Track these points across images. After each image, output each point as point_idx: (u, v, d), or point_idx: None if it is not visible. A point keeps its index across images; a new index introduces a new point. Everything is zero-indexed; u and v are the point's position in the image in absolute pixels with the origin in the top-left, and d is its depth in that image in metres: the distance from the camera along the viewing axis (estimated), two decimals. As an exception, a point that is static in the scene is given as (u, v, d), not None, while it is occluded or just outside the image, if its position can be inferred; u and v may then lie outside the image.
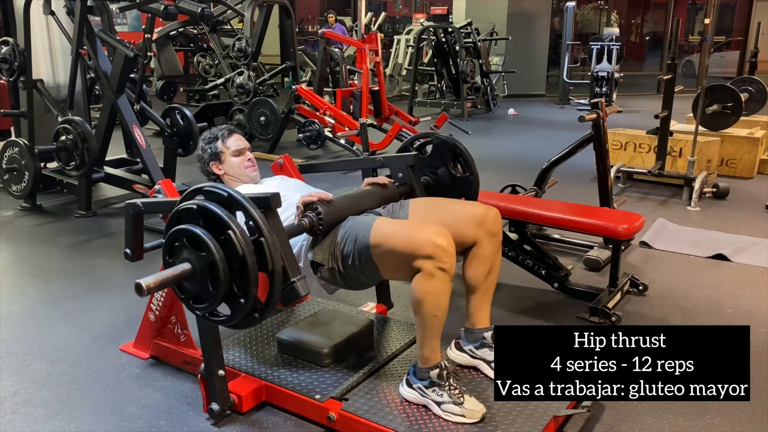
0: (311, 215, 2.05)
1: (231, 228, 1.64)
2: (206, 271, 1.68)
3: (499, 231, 2.19)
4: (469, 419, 1.88)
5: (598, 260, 3.39)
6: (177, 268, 1.69)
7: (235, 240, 1.64)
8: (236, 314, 1.74)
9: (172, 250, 1.74)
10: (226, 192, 1.72)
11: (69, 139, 4.14)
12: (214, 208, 1.68)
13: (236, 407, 2.08)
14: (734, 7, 15.18)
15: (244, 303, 1.69)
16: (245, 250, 1.64)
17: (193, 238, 1.68)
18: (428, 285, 1.87)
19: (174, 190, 2.29)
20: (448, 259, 1.86)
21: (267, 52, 9.39)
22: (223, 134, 2.41)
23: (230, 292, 1.70)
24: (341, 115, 6.26)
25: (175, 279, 1.69)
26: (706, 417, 2.11)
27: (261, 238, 1.67)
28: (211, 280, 1.69)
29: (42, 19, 4.50)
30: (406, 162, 2.50)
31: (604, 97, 5.80)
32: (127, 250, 2.08)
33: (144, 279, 1.62)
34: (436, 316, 1.90)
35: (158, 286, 1.65)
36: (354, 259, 2.00)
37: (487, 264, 2.16)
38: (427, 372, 1.93)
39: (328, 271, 2.08)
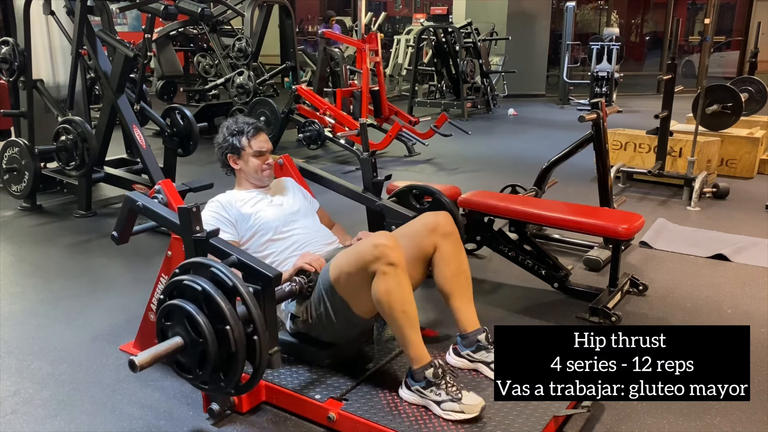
0: (303, 281, 2.10)
1: (230, 325, 1.68)
2: (196, 352, 1.73)
3: (452, 230, 2.23)
4: (468, 414, 1.88)
5: (598, 260, 3.39)
6: (171, 343, 1.74)
7: (231, 337, 1.68)
8: (215, 390, 1.83)
9: (170, 317, 1.78)
10: (231, 282, 1.73)
11: (69, 139, 4.14)
12: (220, 300, 1.70)
13: (236, 407, 2.08)
14: (734, 7, 15.18)
15: (224, 386, 1.77)
16: (238, 347, 1.70)
17: (192, 321, 1.72)
18: (383, 283, 1.91)
19: (174, 191, 2.28)
20: (393, 253, 1.92)
21: (267, 52, 9.38)
22: (249, 131, 2.40)
23: (215, 372, 1.75)
24: (341, 115, 6.26)
25: (167, 354, 1.74)
26: (706, 417, 2.11)
27: (255, 336, 1.72)
28: (199, 361, 1.74)
29: (42, 19, 4.50)
30: (404, 219, 2.57)
31: (604, 97, 5.81)
32: (114, 233, 2.19)
33: (138, 357, 1.67)
34: (405, 312, 1.92)
35: (151, 362, 1.69)
36: (324, 302, 2.07)
37: (452, 263, 2.19)
38: (422, 372, 1.94)
39: (302, 322, 2.17)
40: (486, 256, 3.54)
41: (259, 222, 2.29)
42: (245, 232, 2.29)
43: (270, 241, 2.29)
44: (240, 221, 2.29)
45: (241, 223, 2.29)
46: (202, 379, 1.79)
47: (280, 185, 2.55)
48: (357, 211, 3.01)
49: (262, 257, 2.23)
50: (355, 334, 2.25)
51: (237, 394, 1.90)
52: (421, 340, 1.97)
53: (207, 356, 1.71)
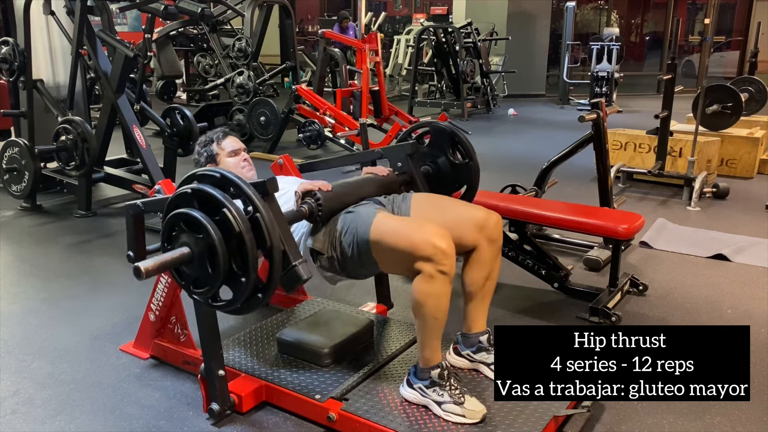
0: (310, 201, 2.04)
1: (226, 206, 1.62)
2: (205, 252, 1.66)
3: (499, 237, 2.17)
4: (469, 419, 1.87)
5: (598, 260, 3.39)
6: (175, 252, 1.67)
7: (231, 218, 1.62)
8: (238, 296, 1.70)
9: (170, 236, 1.73)
10: (218, 173, 1.71)
11: (69, 139, 4.13)
12: (208, 188, 1.66)
13: (236, 407, 2.08)
14: (734, 7, 15.17)
15: (245, 282, 1.66)
16: (242, 228, 1.62)
17: (189, 221, 1.66)
18: (428, 287, 1.86)
19: (174, 190, 2.28)
20: (448, 261, 1.85)
21: (267, 52, 9.38)
22: (218, 137, 2.40)
23: (230, 273, 1.67)
24: (341, 115, 6.26)
25: (174, 262, 1.66)
26: (706, 417, 2.11)
27: (257, 214, 1.65)
28: (210, 262, 1.66)
29: (42, 19, 4.50)
30: (404, 151, 2.49)
31: (604, 97, 5.81)
32: (130, 252, 2.01)
33: (143, 262, 1.60)
34: (437, 319, 1.89)
35: (157, 270, 1.62)
36: (353, 251, 2.00)
37: (486, 269, 2.15)
38: (428, 372, 1.93)
39: (327, 260, 2.08)
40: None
41: None
42: None
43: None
44: None
45: None
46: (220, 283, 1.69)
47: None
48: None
49: None
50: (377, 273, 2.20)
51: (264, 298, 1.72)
52: (438, 345, 1.95)
53: (214, 251, 1.63)
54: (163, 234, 1.74)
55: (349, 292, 3.08)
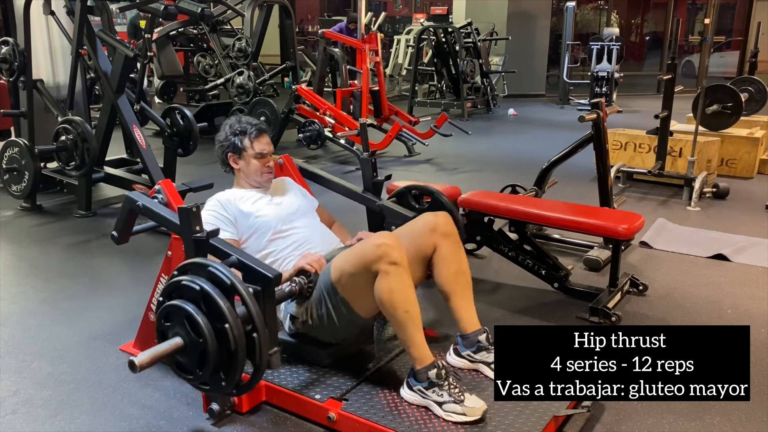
0: (303, 281, 2.10)
1: (229, 323, 1.68)
2: (196, 353, 1.73)
3: (452, 231, 2.24)
4: (470, 417, 1.88)
5: (598, 260, 3.39)
6: (170, 344, 1.74)
7: (231, 335, 1.68)
8: (216, 391, 1.83)
9: (169, 317, 1.78)
10: (229, 281, 1.74)
11: (69, 139, 4.13)
12: (218, 298, 1.70)
13: (236, 407, 2.08)
14: (734, 7, 15.17)
15: (224, 386, 1.77)
16: (238, 346, 1.69)
17: (191, 321, 1.72)
18: (386, 283, 1.91)
19: (174, 191, 2.28)
20: (395, 252, 1.92)
21: (267, 52, 9.38)
22: (252, 132, 2.38)
23: (215, 372, 1.75)
24: (341, 115, 6.26)
25: (167, 354, 1.74)
26: (706, 417, 2.11)
27: (254, 333, 1.72)
28: (199, 361, 1.74)
29: (42, 19, 4.50)
30: (403, 219, 2.57)
31: (604, 97, 5.81)
32: (114, 233, 2.20)
33: (138, 357, 1.66)
34: (408, 312, 1.92)
35: (151, 363, 1.69)
36: (325, 302, 2.06)
37: (452, 264, 2.19)
38: (425, 373, 1.93)
39: (301, 323, 2.16)
40: (486, 256, 3.54)
41: (259, 221, 2.29)
42: (245, 231, 2.29)
43: (270, 240, 2.29)
44: (240, 219, 2.29)
45: (240, 221, 2.29)
46: (203, 380, 1.78)
47: (278, 185, 2.54)
48: (357, 212, 3.01)
49: (262, 256, 2.23)
50: (356, 333, 2.25)
51: (238, 395, 1.89)
52: (424, 341, 1.97)
53: (207, 356, 1.71)
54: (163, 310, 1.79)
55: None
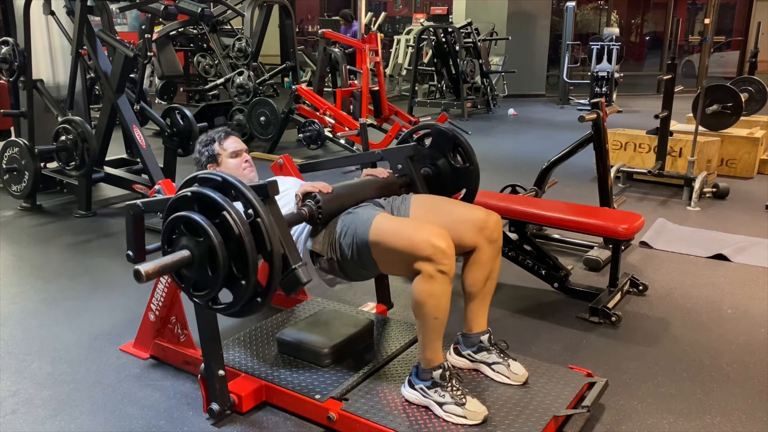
0: (310, 204, 2.04)
1: (226, 209, 1.63)
2: (205, 255, 1.66)
3: (499, 237, 2.17)
4: (470, 421, 1.87)
5: (598, 260, 3.39)
6: (176, 255, 1.67)
7: (231, 221, 1.62)
8: (238, 299, 1.71)
9: (170, 239, 1.73)
10: (220, 177, 1.71)
11: (69, 139, 4.14)
12: (208, 191, 1.66)
13: (236, 407, 2.07)
14: (734, 7, 15.18)
15: (245, 285, 1.66)
16: (242, 231, 1.62)
17: (189, 223, 1.67)
18: (428, 287, 1.86)
19: (174, 190, 2.28)
20: (447, 261, 1.84)
21: (267, 52, 9.38)
22: (219, 136, 2.40)
23: (230, 275, 1.67)
24: (341, 115, 6.26)
25: (174, 265, 1.67)
26: (706, 417, 2.11)
27: (257, 218, 1.65)
28: (210, 265, 1.66)
29: (42, 19, 4.50)
30: (404, 153, 2.48)
31: (604, 97, 5.80)
32: (130, 252, 2.01)
33: (143, 265, 1.60)
34: (437, 319, 1.89)
35: (157, 273, 1.62)
36: (353, 253, 2.00)
37: (486, 270, 2.15)
38: (430, 373, 1.93)
39: (327, 261, 2.08)
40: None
41: None
42: None
43: None
44: None
45: None
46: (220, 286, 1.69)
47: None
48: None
49: None
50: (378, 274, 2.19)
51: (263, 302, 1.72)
52: (440, 346, 1.94)
53: (214, 254, 1.63)
54: (164, 236, 1.74)
55: (349, 293, 3.09)
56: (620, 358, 2.49)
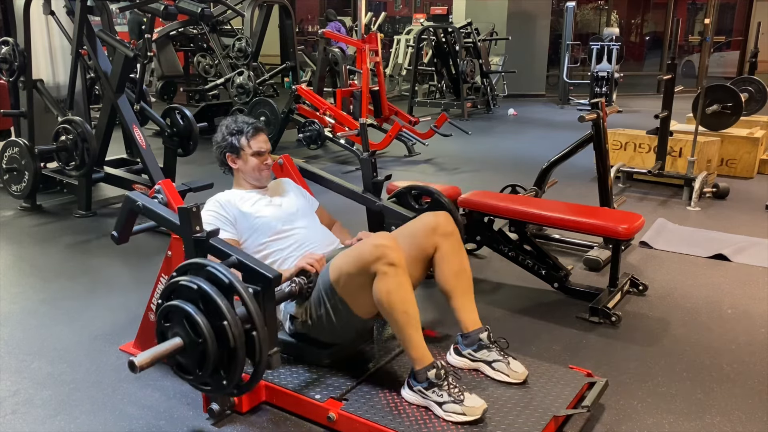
0: (302, 282, 2.10)
1: (227, 320, 1.68)
2: (196, 353, 1.73)
3: (453, 230, 2.24)
4: (470, 416, 1.87)
5: (598, 260, 3.39)
6: (170, 344, 1.73)
7: (230, 333, 1.68)
8: (217, 390, 1.82)
9: (169, 318, 1.78)
10: (228, 280, 1.73)
11: (69, 139, 4.14)
12: (215, 296, 1.70)
13: (236, 407, 2.08)
14: (734, 7, 15.18)
15: (225, 385, 1.76)
16: (237, 343, 1.69)
17: (190, 320, 1.72)
18: (384, 283, 1.92)
19: (174, 191, 2.28)
20: (393, 253, 1.92)
21: (267, 52, 9.38)
22: (249, 131, 2.39)
23: (216, 371, 1.75)
24: (341, 115, 6.26)
25: (167, 354, 1.73)
26: (706, 417, 2.11)
27: (253, 332, 1.72)
28: (199, 361, 1.74)
29: (42, 19, 4.50)
30: (403, 219, 2.57)
31: (604, 97, 5.81)
32: (114, 233, 2.19)
33: (137, 357, 1.66)
34: (407, 313, 1.93)
35: (151, 363, 1.69)
36: (324, 303, 2.07)
37: (452, 263, 2.19)
38: (425, 373, 1.93)
39: (301, 324, 2.16)
40: (486, 256, 3.54)
41: (260, 222, 2.29)
42: (244, 231, 2.29)
43: (270, 240, 2.29)
44: (239, 219, 2.29)
45: (240, 221, 2.29)
46: (203, 380, 1.78)
47: (278, 186, 2.54)
48: (357, 212, 3.01)
49: (262, 257, 2.23)
50: (354, 334, 2.25)
51: (238, 395, 1.89)
52: (422, 341, 1.97)
53: (206, 355, 1.71)
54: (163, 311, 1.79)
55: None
56: (620, 358, 2.49)
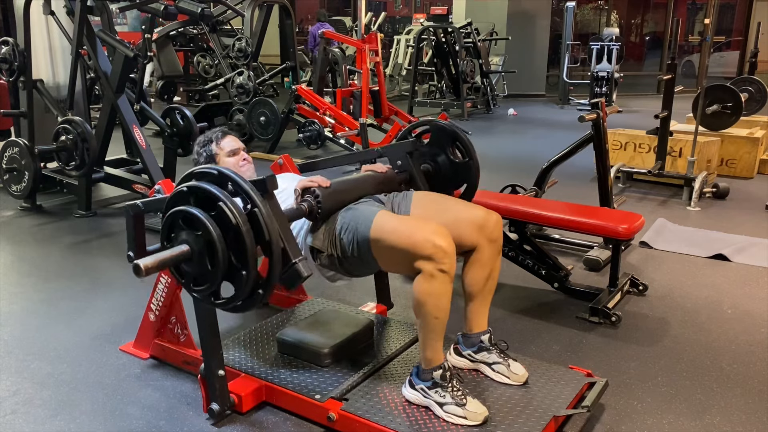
0: (309, 199, 2.04)
1: (222, 200, 1.62)
2: (204, 249, 1.65)
3: (499, 236, 2.16)
4: (471, 421, 1.87)
5: (598, 260, 3.39)
6: (175, 249, 1.67)
7: (228, 212, 1.61)
8: (239, 291, 1.70)
9: (169, 235, 1.73)
10: (216, 170, 1.71)
11: (69, 139, 4.13)
12: (205, 185, 1.66)
13: (236, 407, 2.08)
14: (734, 7, 15.19)
15: (245, 277, 1.65)
16: (239, 221, 1.61)
17: (187, 218, 1.66)
18: (429, 287, 1.85)
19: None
20: (448, 260, 1.84)
21: (267, 52, 9.38)
22: (216, 136, 2.41)
23: (230, 268, 1.66)
24: (341, 115, 6.26)
25: (173, 260, 1.66)
26: (706, 417, 2.11)
27: (255, 209, 1.65)
28: (209, 258, 1.65)
29: (42, 19, 4.50)
30: (404, 149, 2.48)
31: (604, 97, 5.81)
32: (131, 252, 1.98)
33: (142, 260, 1.60)
34: (437, 318, 1.89)
35: (157, 267, 1.62)
36: (353, 249, 1.99)
37: (486, 269, 2.14)
38: (431, 373, 1.93)
39: (327, 257, 2.08)
40: (486, 256, 3.53)
41: None
42: None
43: None
44: None
45: None
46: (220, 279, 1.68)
47: None
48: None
49: None
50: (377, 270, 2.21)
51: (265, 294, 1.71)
52: (440, 346, 1.94)
53: (213, 246, 1.62)
54: (163, 233, 1.74)
55: (349, 292, 3.08)
56: (620, 358, 2.49)
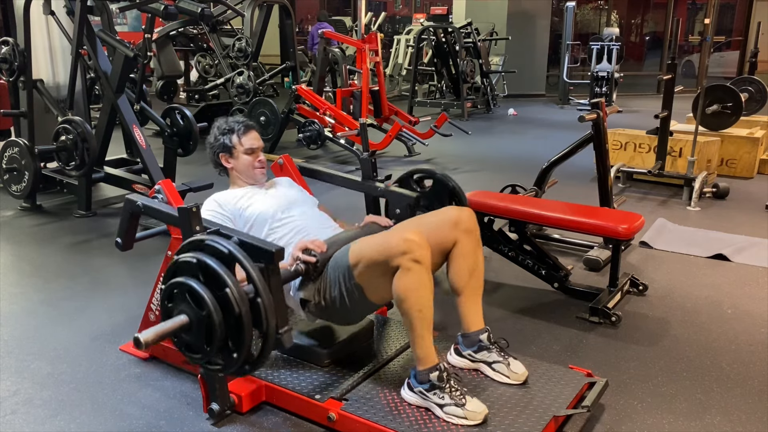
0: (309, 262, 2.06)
1: (229, 287, 1.66)
2: (202, 326, 1.71)
3: (474, 227, 2.22)
4: (471, 421, 1.87)
5: (598, 260, 3.39)
6: (175, 321, 1.71)
7: (233, 299, 1.66)
8: (228, 366, 1.77)
9: (172, 297, 1.76)
10: (227, 249, 1.72)
11: (69, 139, 4.13)
12: (214, 265, 1.68)
13: (236, 407, 2.08)
14: (734, 7, 15.19)
15: (236, 357, 1.73)
16: (242, 310, 1.66)
17: (192, 293, 1.70)
18: (406, 280, 1.89)
19: (174, 191, 2.28)
20: (420, 250, 1.90)
21: (267, 52, 9.38)
22: (240, 129, 2.40)
23: (224, 346, 1.72)
24: (341, 115, 6.26)
25: (172, 332, 1.72)
26: (706, 417, 2.11)
27: (258, 299, 1.69)
28: (206, 336, 1.71)
29: (42, 19, 4.50)
30: (407, 201, 2.55)
31: (604, 97, 5.80)
32: (118, 239, 2.17)
33: (143, 333, 1.64)
34: (421, 311, 1.91)
35: (156, 340, 1.67)
36: (339, 285, 2.04)
37: (468, 259, 2.18)
38: (427, 375, 1.93)
39: (315, 306, 2.13)
40: (486, 256, 3.50)
41: (255, 213, 2.28)
42: (243, 227, 2.28)
43: (270, 230, 2.27)
44: (236, 217, 2.29)
45: (237, 218, 2.29)
46: (213, 356, 1.74)
47: (275, 182, 2.54)
48: (358, 210, 3.01)
49: None
50: (366, 315, 2.25)
51: (252, 370, 1.81)
52: (431, 342, 1.95)
53: (213, 328, 1.68)
54: (166, 291, 1.77)
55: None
56: (620, 358, 2.49)
